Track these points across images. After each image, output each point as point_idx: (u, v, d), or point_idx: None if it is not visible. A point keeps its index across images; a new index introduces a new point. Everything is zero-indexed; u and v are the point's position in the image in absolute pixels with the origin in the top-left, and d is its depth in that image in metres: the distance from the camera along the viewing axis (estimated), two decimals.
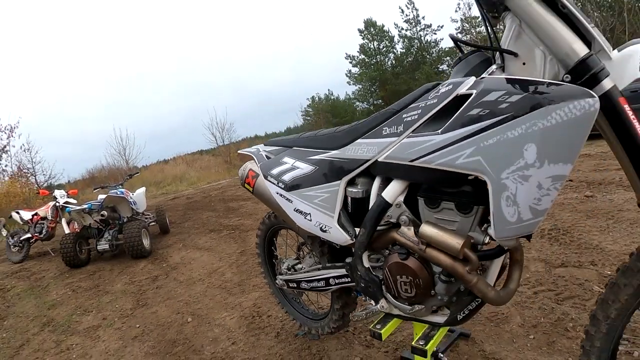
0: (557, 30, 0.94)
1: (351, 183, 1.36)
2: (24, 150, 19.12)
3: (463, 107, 1.01)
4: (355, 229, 1.34)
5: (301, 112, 40.04)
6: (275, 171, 1.61)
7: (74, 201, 6.52)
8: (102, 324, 3.01)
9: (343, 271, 1.51)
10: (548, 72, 0.97)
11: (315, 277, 1.65)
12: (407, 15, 25.80)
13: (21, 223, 6.49)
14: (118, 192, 5.73)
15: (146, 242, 5.16)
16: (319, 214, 1.42)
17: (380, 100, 26.49)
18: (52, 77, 56.56)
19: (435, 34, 25.76)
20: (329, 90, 37.34)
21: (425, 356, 1.29)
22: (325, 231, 1.42)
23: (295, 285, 1.80)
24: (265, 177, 1.65)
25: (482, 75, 1.04)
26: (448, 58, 25.31)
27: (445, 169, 1.03)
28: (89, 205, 5.56)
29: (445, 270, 1.17)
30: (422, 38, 25.99)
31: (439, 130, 1.05)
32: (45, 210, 6.38)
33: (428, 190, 1.16)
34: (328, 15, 57.85)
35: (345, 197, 1.37)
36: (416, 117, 1.13)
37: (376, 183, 1.27)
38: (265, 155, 1.76)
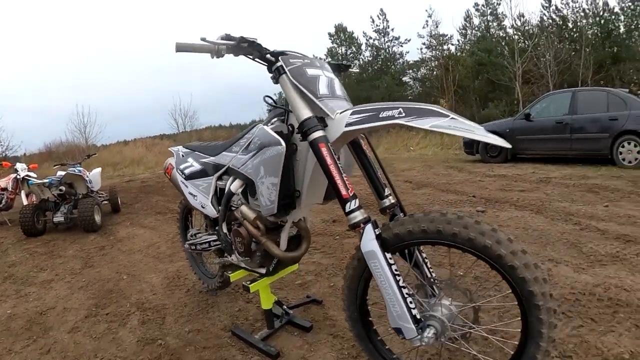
0: (296, 102, 1.55)
1: (220, 178, 2.17)
2: None
3: (250, 142, 1.84)
4: (220, 207, 2.13)
5: (267, 107, 40.41)
6: (182, 166, 2.44)
7: (34, 175, 7.05)
8: (54, 278, 3.77)
9: (215, 236, 2.37)
10: None
11: (203, 241, 2.49)
12: (377, 25, 26.83)
13: None
14: (76, 170, 6.37)
15: (98, 218, 5.85)
16: (201, 196, 2.26)
17: None
18: (17, 43, 54.56)
19: (402, 46, 26.76)
20: None
21: (249, 291, 2.12)
22: (204, 207, 2.26)
23: (194, 247, 2.64)
24: (176, 170, 2.49)
25: (267, 124, 1.78)
26: (411, 71, 26.48)
27: (246, 175, 1.85)
28: (49, 180, 6.21)
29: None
30: (389, 49, 27.08)
31: (246, 153, 1.87)
32: (6, 182, 6.87)
33: (251, 186, 1.88)
34: (302, 13, 58.22)
35: (216, 187, 2.19)
36: (243, 143, 1.95)
37: (230, 180, 2.02)
38: (181, 155, 2.56)
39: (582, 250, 3.17)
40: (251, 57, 1.65)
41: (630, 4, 19.55)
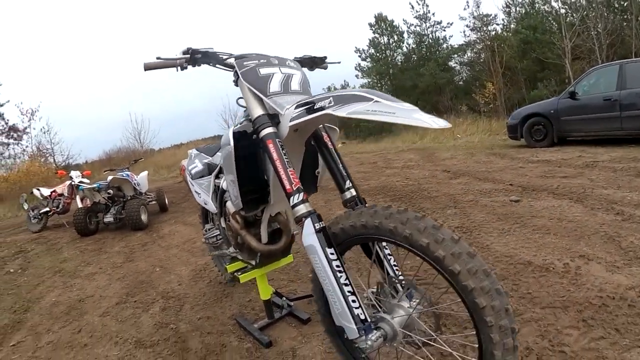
0: (250, 102, 1.61)
1: (217, 176, 2.31)
2: (44, 132, 20.70)
3: None
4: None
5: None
6: (190, 167, 2.63)
7: (87, 181, 7.63)
8: (98, 271, 4.16)
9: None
10: None
11: (212, 235, 2.67)
12: (417, 11, 26.32)
13: (41, 198, 7.63)
14: (124, 175, 6.91)
15: (144, 217, 6.28)
16: (203, 194, 2.43)
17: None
18: (74, 58, 58.17)
19: (444, 30, 26.10)
20: (344, 81, 37.88)
21: (239, 281, 2.27)
22: (206, 204, 2.43)
23: (207, 241, 2.83)
24: (186, 170, 2.69)
25: (237, 125, 1.87)
26: (456, 55, 25.79)
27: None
28: (98, 185, 6.75)
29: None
30: (432, 34, 26.49)
31: None
32: (62, 188, 7.53)
33: None
34: (342, 5, 57.95)
35: (215, 185, 2.33)
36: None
37: (223, 177, 2.15)
38: (192, 156, 2.74)
39: (620, 245, 2.87)
40: (212, 64, 1.75)
41: None
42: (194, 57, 1.69)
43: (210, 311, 2.75)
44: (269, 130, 1.52)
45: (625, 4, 18.89)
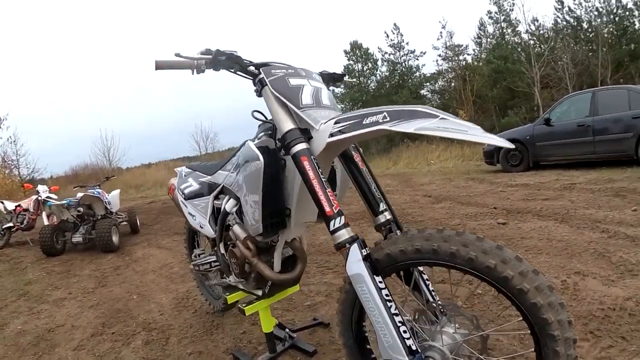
0: (278, 115, 1.45)
1: (216, 197, 2.10)
2: (10, 143, 19.81)
3: (237, 159, 1.77)
4: (217, 227, 2.06)
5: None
6: (182, 186, 2.40)
7: (55, 197, 7.26)
8: (67, 297, 3.81)
9: (215, 257, 2.31)
10: None
11: (205, 261, 2.45)
12: (392, 39, 26.83)
13: (4, 212, 7.18)
14: (95, 192, 6.52)
15: (115, 239, 5.91)
16: (199, 216, 2.20)
17: None
18: (46, 72, 56.69)
19: (417, 59, 26.70)
20: None
21: (244, 314, 2.02)
22: (202, 228, 2.19)
23: (198, 268, 2.60)
24: (177, 190, 2.47)
25: (254, 140, 1.72)
26: (428, 84, 26.37)
27: (235, 193, 1.79)
28: (67, 201, 6.37)
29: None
30: (405, 63, 27.00)
31: (235, 170, 1.80)
32: (28, 203, 7.10)
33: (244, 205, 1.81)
34: (318, 32, 58.85)
35: (214, 206, 2.12)
36: (234, 160, 1.88)
37: (225, 199, 1.96)
38: (183, 174, 2.52)
39: (611, 260, 2.98)
40: (232, 70, 1.55)
41: None
42: (217, 59, 1.49)
43: (201, 345, 2.50)
44: (303, 146, 1.36)
45: (591, 36, 19.94)
